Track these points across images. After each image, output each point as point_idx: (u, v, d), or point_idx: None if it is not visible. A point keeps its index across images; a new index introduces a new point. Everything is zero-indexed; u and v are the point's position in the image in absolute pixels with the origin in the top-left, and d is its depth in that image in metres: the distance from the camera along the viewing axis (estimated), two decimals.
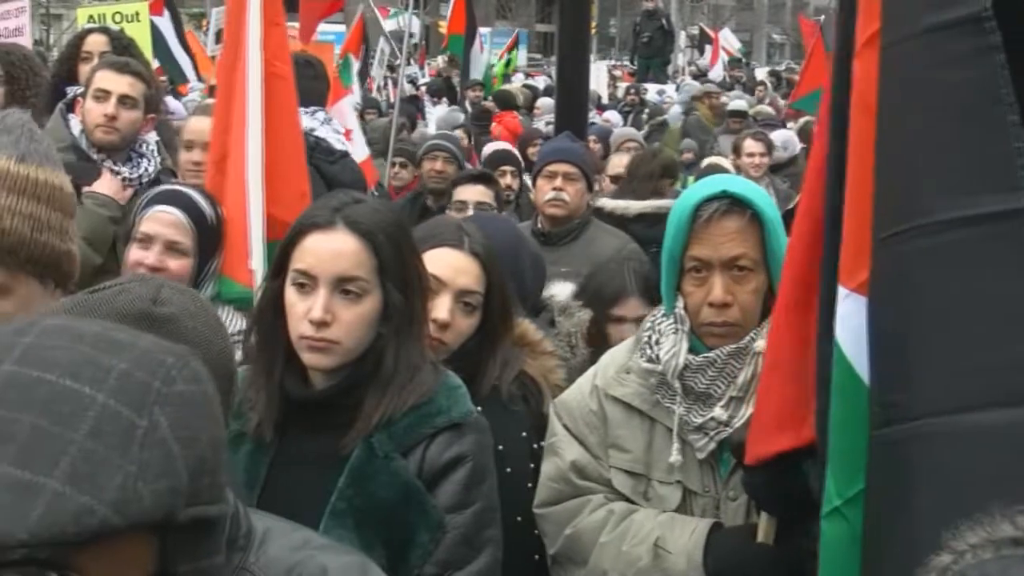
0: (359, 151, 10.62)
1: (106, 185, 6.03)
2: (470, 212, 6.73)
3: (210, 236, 4.47)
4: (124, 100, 6.16)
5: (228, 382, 2.26)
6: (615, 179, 9.55)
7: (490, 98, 21.85)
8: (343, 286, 3.27)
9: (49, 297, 2.75)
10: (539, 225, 7.38)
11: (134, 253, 4.38)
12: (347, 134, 10.52)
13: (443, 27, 46.33)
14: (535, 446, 4.05)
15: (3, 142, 2.72)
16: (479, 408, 3.52)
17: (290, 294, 3.31)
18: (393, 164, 11.66)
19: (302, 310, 3.26)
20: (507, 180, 9.84)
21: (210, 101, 7.65)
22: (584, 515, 3.82)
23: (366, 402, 3.29)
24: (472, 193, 7.11)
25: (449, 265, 3.94)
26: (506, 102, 19.37)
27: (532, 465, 3.99)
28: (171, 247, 4.33)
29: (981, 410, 2.49)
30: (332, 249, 3.28)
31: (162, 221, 4.36)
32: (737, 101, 18.25)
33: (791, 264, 3.25)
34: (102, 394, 1.42)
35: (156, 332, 2.13)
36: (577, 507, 3.84)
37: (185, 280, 4.28)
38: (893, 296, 2.70)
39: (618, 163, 10.02)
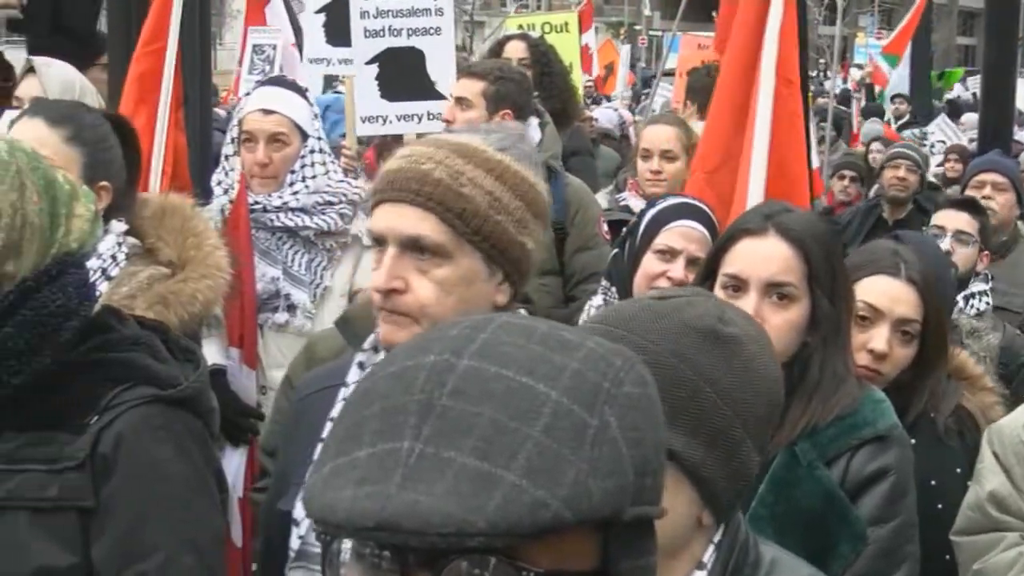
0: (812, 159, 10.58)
1: None
2: (947, 240, 6.27)
3: None
4: (460, 102, 6.33)
5: (777, 410, 2.30)
6: None
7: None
8: (773, 291, 3.29)
9: (493, 285, 2.82)
10: None
11: (655, 264, 4.35)
12: None
13: (860, 38, 45.66)
14: (970, 484, 3.93)
15: (491, 138, 2.83)
16: (912, 440, 3.47)
17: (720, 297, 3.34)
18: (842, 177, 11.48)
19: None
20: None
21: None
22: (994, 553, 3.68)
23: (791, 409, 3.26)
24: (955, 220, 6.46)
25: (885, 294, 3.88)
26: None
27: None
28: (694, 262, 4.31)
29: None
30: (763, 254, 3.31)
31: (687, 236, 4.35)
32: None
33: None
34: (556, 392, 1.45)
35: (720, 350, 2.21)
36: (989, 543, 3.70)
37: None
38: None
39: None
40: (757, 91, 5.15)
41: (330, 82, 12.13)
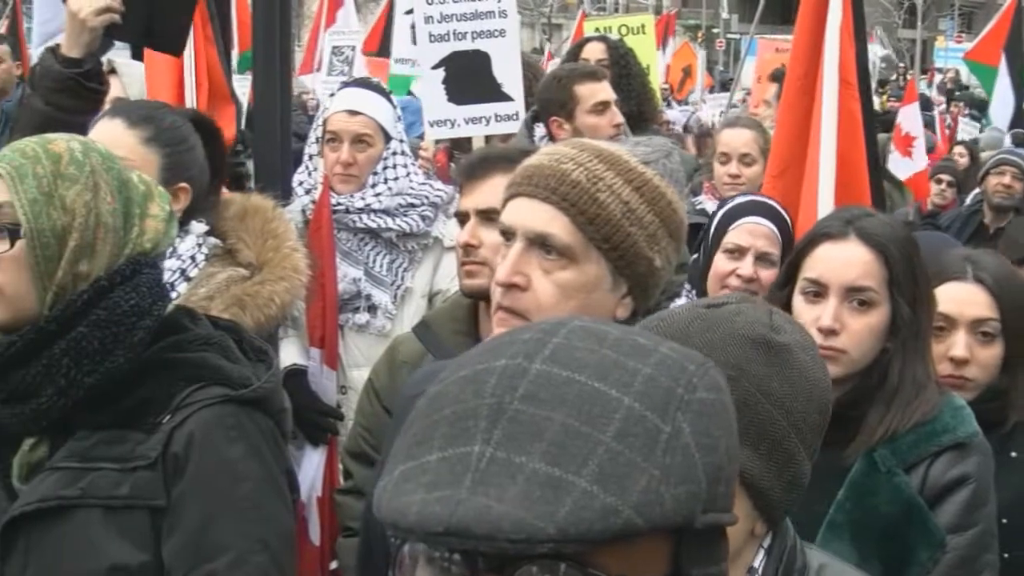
0: (919, 160, 10.47)
1: None
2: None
3: (789, 244, 4.47)
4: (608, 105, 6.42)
5: (827, 416, 2.29)
6: None
7: None
8: (853, 296, 3.27)
9: (615, 298, 2.77)
10: None
11: (724, 264, 4.35)
12: (911, 141, 10.41)
13: (940, 41, 45.38)
14: None
15: (638, 150, 2.79)
16: (1013, 453, 3.40)
17: (798, 303, 3.33)
18: (939, 181, 11.43)
19: (810, 318, 3.27)
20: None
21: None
22: None
23: (869, 415, 3.25)
24: None
25: (954, 299, 3.80)
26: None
27: None
28: (762, 258, 4.34)
29: None
30: (844, 259, 3.29)
31: (754, 233, 4.35)
32: None
33: None
34: (628, 397, 1.44)
35: (773, 360, 2.19)
36: None
37: None
38: None
39: None
40: (820, 94, 5.13)
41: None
